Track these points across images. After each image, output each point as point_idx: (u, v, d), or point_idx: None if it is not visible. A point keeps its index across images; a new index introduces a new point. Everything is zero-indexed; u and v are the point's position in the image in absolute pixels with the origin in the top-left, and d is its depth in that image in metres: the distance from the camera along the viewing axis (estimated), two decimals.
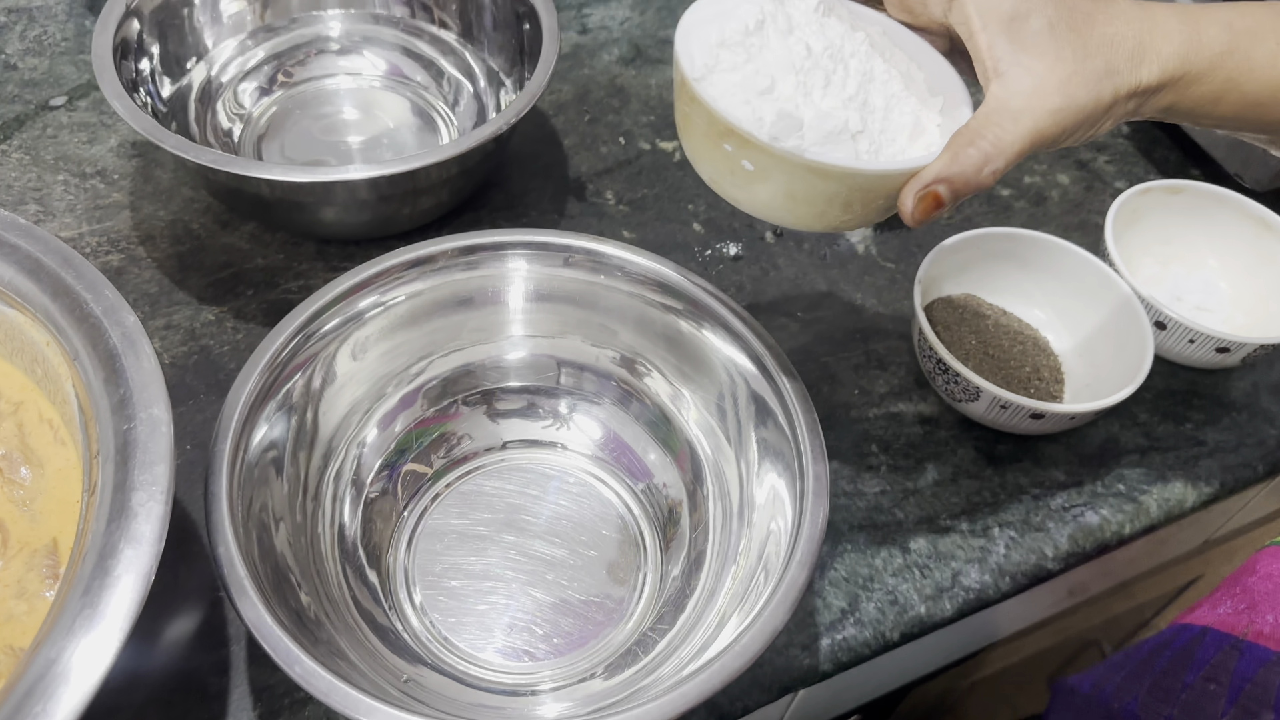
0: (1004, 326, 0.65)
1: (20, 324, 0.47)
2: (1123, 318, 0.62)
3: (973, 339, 0.63)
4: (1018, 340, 0.64)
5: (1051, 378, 0.63)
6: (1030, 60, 0.39)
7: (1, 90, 0.74)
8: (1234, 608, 0.54)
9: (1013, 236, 0.65)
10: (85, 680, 0.35)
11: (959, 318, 0.64)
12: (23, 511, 0.45)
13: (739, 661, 0.41)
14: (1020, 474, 0.61)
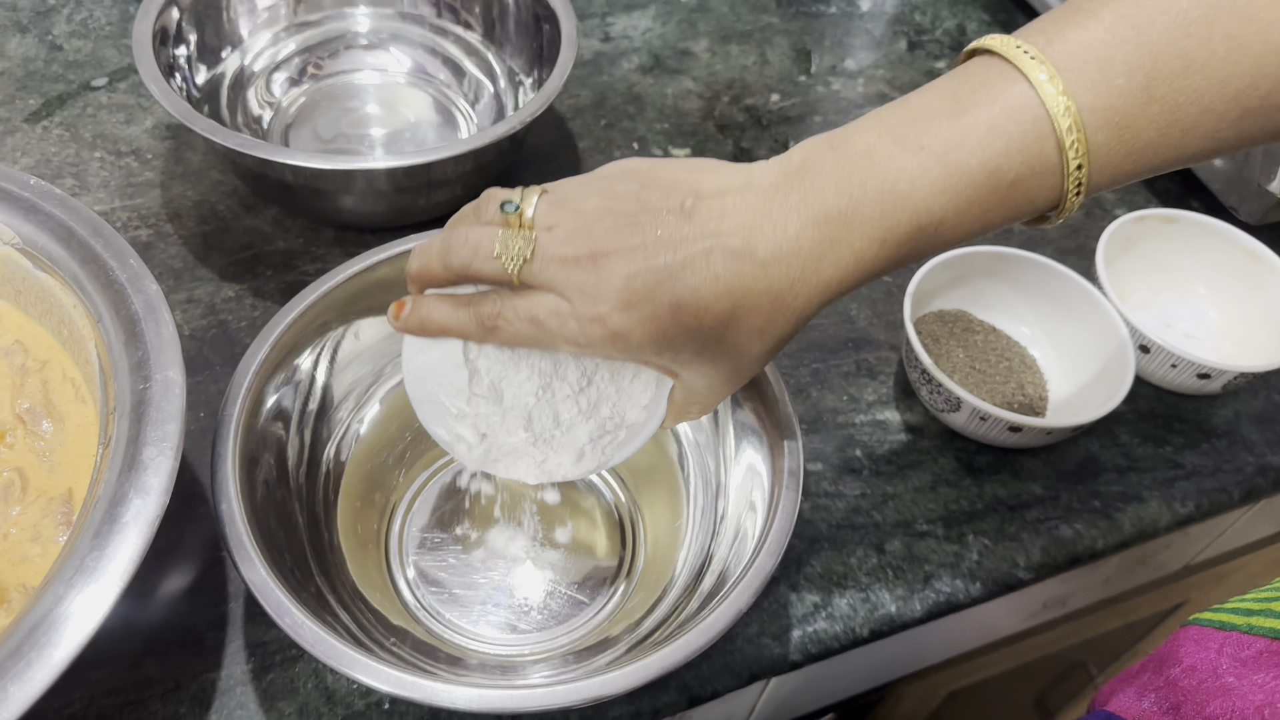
0: (992, 343, 0.67)
1: (50, 287, 0.50)
2: (1108, 341, 0.64)
3: (960, 353, 0.65)
4: (1004, 356, 0.66)
5: (1035, 394, 0.65)
6: (699, 369, 0.42)
7: (47, 69, 0.78)
8: (1159, 706, 0.50)
9: (1006, 256, 0.67)
10: (89, 617, 0.38)
11: (948, 331, 0.66)
12: (42, 462, 0.48)
13: (702, 639, 0.43)
14: (999, 485, 0.63)
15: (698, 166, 0.40)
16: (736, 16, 0.91)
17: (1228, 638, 0.47)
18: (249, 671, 0.51)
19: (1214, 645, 0.47)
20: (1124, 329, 0.63)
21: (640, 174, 0.40)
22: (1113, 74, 0.36)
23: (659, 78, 0.85)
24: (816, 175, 0.38)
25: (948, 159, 0.37)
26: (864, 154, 0.38)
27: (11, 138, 0.73)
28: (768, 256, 0.38)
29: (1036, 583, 0.61)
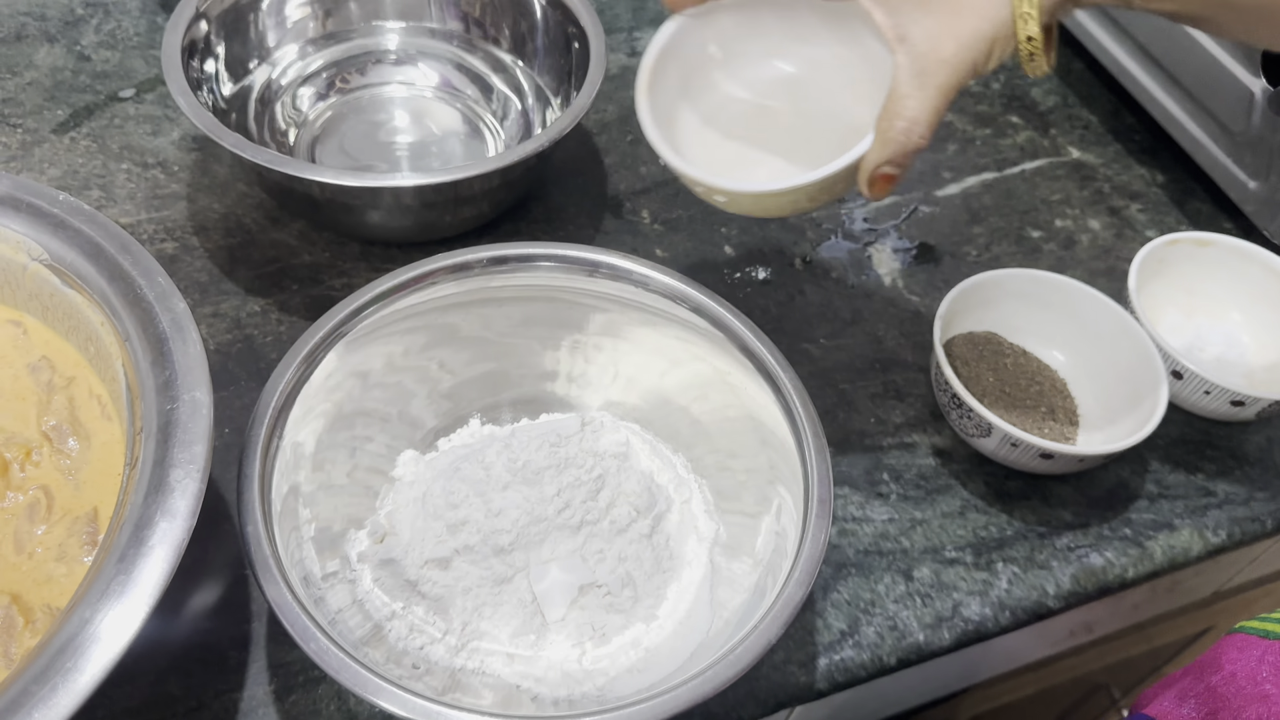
0: (1022, 366, 0.66)
1: (78, 304, 0.50)
2: (1140, 366, 0.63)
3: (990, 376, 0.65)
4: (1035, 380, 0.65)
5: (1066, 420, 0.64)
6: (920, 16, 0.42)
7: (75, 80, 0.78)
8: (1197, 710, 0.51)
9: (1036, 279, 0.66)
10: (114, 642, 0.38)
11: (978, 354, 0.66)
12: (68, 480, 0.48)
13: (730, 671, 0.42)
14: (1028, 511, 0.62)
15: None
16: None
17: (1270, 646, 0.48)
18: (271, 693, 0.51)
19: (1256, 653, 0.48)
20: (1157, 355, 0.62)
21: None
22: None
23: None
24: None
25: None
26: None
27: (39, 148, 0.73)
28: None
29: (1065, 611, 0.60)
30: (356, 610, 0.50)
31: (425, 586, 0.52)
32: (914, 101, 0.43)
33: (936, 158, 0.82)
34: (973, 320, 0.67)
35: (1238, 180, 0.77)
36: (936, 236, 0.77)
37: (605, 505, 0.54)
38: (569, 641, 0.51)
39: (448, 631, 0.51)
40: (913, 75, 0.43)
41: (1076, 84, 0.91)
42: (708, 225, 0.75)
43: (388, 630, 0.50)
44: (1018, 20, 0.42)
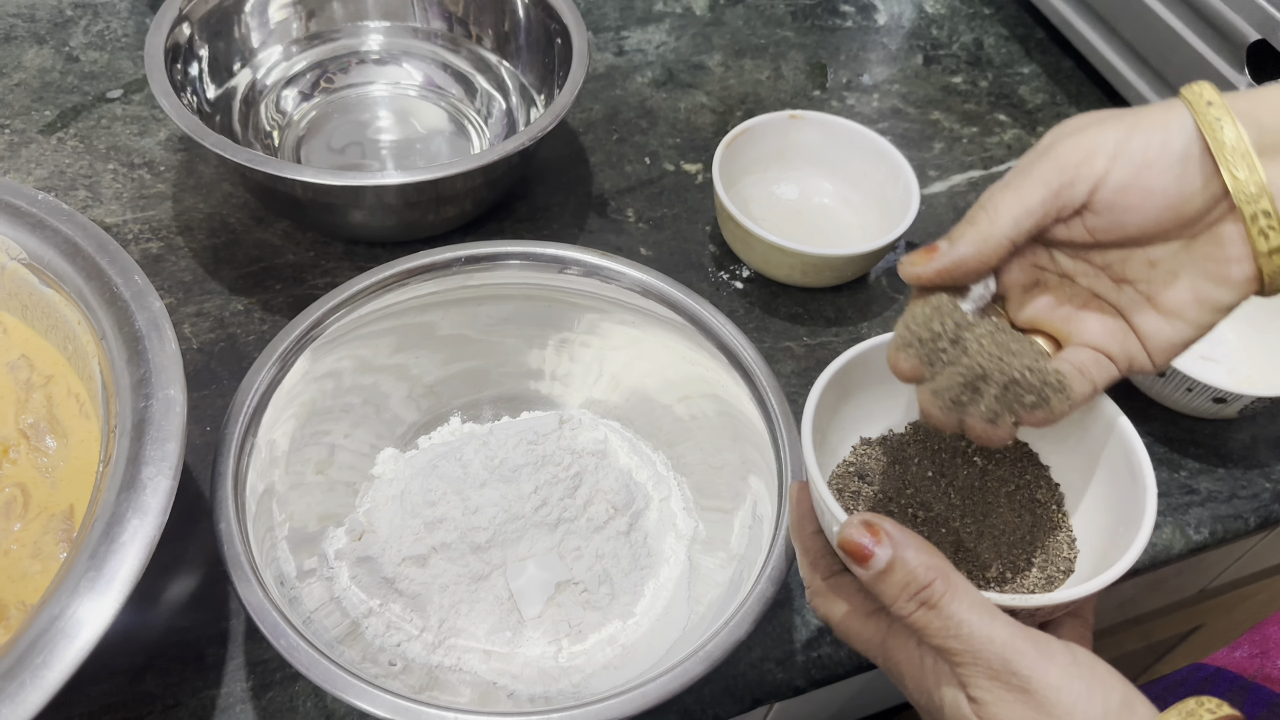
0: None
1: (56, 302, 0.50)
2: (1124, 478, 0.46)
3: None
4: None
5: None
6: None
7: (63, 81, 0.78)
8: (1249, 652, 0.55)
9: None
10: (84, 637, 0.38)
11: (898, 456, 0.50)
12: (45, 478, 0.49)
13: (700, 666, 0.42)
14: None
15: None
16: (751, 30, 0.91)
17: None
18: (249, 690, 0.51)
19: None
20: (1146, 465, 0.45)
21: None
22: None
23: (672, 92, 0.85)
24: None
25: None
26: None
27: (26, 149, 0.73)
28: None
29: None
30: (334, 608, 0.50)
31: (403, 584, 0.52)
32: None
33: (923, 156, 0.82)
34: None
35: None
36: (921, 235, 0.77)
37: (583, 503, 0.54)
38: (546, 638, 0.52)
39: (425, 629, 0.51)
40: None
41: (1065, 82, 0.91)
42: (692, 224, 0.75)
43: (365, 628, 0.51)
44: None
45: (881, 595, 0.38)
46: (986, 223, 0.39)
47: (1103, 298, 0.41)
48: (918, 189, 0.70)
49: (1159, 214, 0.38)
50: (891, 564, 0.37)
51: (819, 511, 0.44)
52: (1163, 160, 0.37)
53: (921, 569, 0.37)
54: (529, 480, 0.54)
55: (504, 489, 0.53)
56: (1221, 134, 0.36)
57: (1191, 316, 0.39)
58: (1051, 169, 0.38)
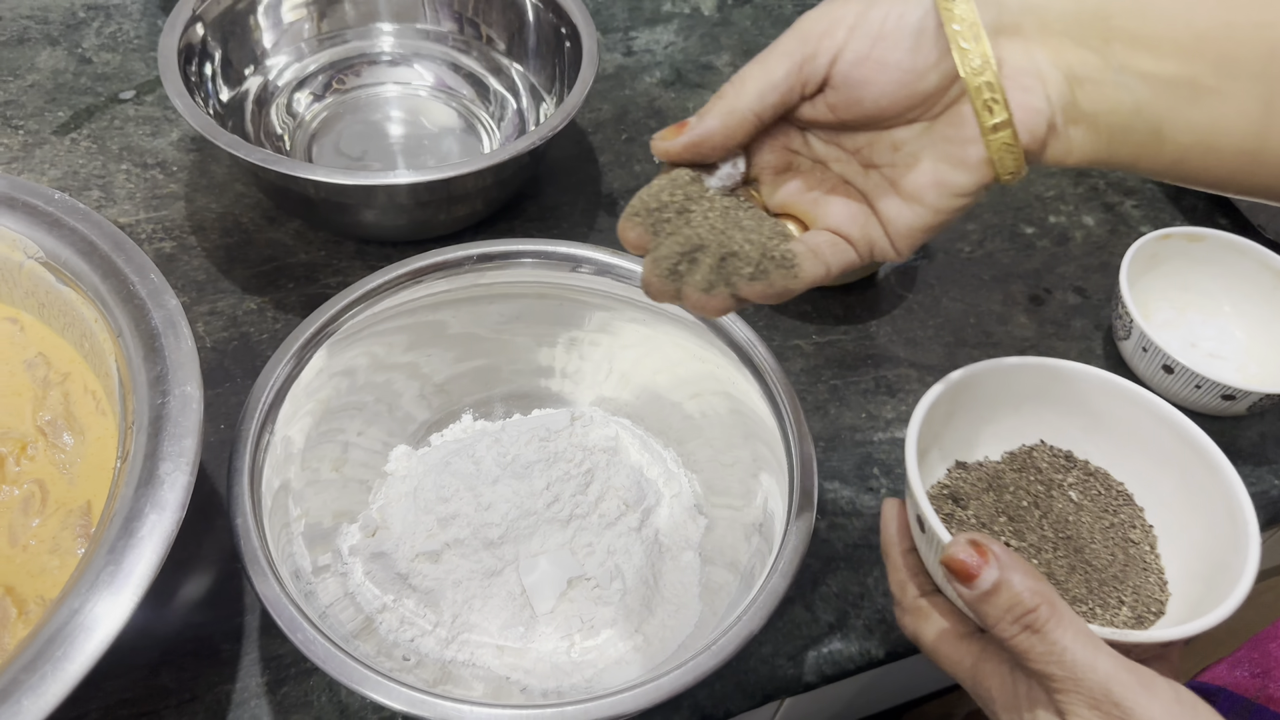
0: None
1: (73, 301, 0.50)
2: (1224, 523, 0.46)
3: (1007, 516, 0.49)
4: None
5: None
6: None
7: (76, 82, 0.79)
8: (1251, 671, 0.54)
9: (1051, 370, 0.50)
10: (103, 632, 0.38)
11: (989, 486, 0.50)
12: (63, 474, 0.49)
13: (712, 661, 0.43)
14: None
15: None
16: (759, 30, 0.91)
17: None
18: (264, 684, 0.51)
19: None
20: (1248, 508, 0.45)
21: None
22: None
23: (680, 92, 0.85)
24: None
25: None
26: None
27: (40, 149, 0.74)
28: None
29: None
30: (348, 603, 0.51)
31: (416, 579, 0.52)
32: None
33: None
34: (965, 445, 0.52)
35: None
36: None
37: (594, 499, 0.54)
38: (558, 634, 0.52)
39: (438, 624, 0.51)
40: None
41: None
42: None
43: (379, 623, 0.51)
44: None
45: (984, 616, 0.38)
46: (733, 96, 0.39)
47: (851, 183, 0.41)
48: None
49: (894, 90, 0.37)
50: (997, 585, 0.37)
51: (916, 530, 0.44)
52: (898, 33, 0.36)
53: (1027, 593, 0.37)
54: (541, 477, 0.54)
55: (516, 485, 0.54)
56: (953, 7, 0.35)
57: (931, 201, 0.39)
58: (794, 41, 0.38)
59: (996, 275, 0.75)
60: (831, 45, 0.37)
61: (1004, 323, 0.72)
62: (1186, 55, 0.34)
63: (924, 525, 0.43)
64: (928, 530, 0.43)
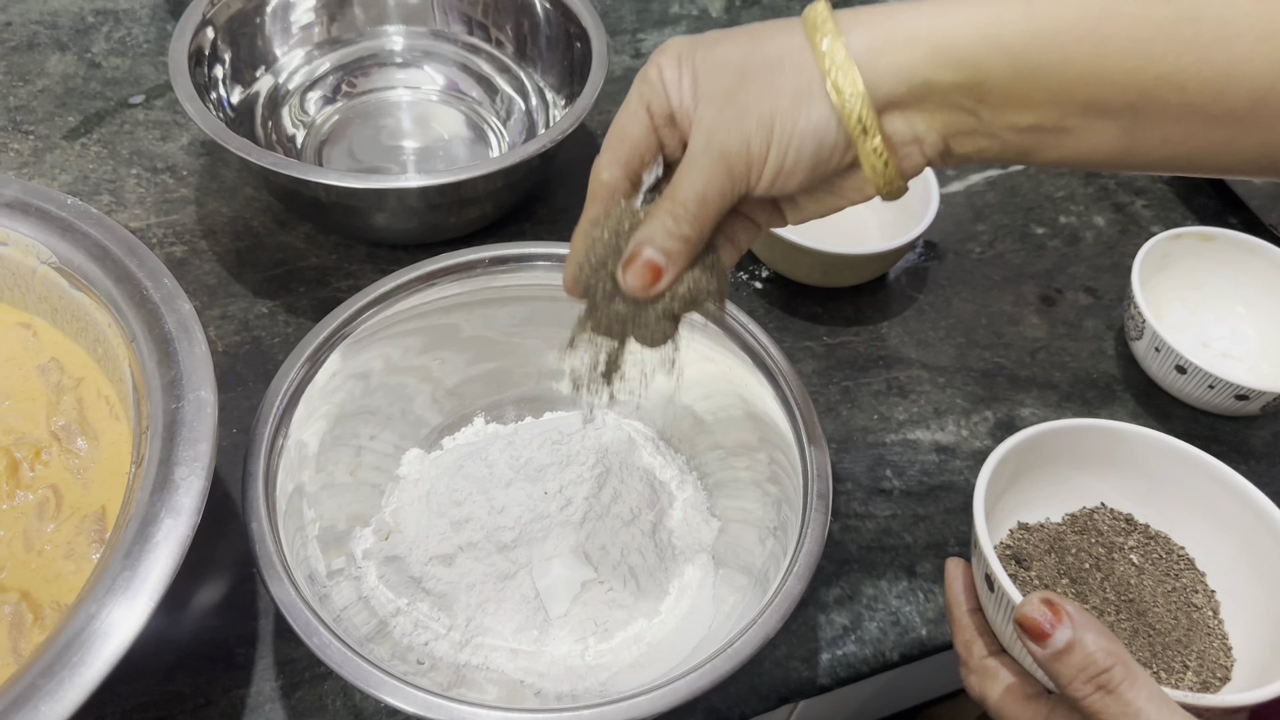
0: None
1: (86, 306, 0.50)
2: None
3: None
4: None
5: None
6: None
7: (85, 87, 0.79)
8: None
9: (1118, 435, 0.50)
10: (120, 637, 0.39)
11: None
12: (76, 479, 0.49)
13: (729, 664, 0.42)
14: None
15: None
16: None
17: None
18: (278, 688, 0.51)
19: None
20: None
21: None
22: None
23: None
24: None
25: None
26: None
27: (51, 154, 0.74)
28: None
29: None
30: (362, 607, 0.51)
31: (429, 583, 0.52)
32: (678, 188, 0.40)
33: None
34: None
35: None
36: (940, 234, 0.77)
37: (607, 502, 0.54)
38: (572, 637, 0.52)
39: (452, 627, 0.51)
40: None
41: None
42: None
43: (393, 627, 0.51)
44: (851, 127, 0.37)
45: (1056, 676, 0.38)
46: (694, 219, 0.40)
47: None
48: (937, 188, 0.70)
49: (811, 175, 0.39)
50: (1071, 645, 0.37)
51: (983, 589, 0.45)
52: (804, 144, 0.38)
53: (1101, 653, 0.37)
54: (554, 480, 0.54)
55: (529, 488, 0.54)
56: (843, 89, 0.37)
57: (813, 214, 0.43)
58: (721, 169, 0.39)
59: (1007, 276, 0.75)
60: (756, 165, 0.39)
61: (1015, 323, 0.72)
62: (1057, 105, 0.36)
63: (993, 585, 0.43)
64: (997, 590, 0.43)
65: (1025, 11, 0.34)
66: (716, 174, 0.39)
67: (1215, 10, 0.32)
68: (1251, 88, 0.33)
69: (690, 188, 0.39)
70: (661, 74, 0.40)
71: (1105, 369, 0.70)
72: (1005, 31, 0.35)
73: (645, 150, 0.41)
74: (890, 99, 0.37)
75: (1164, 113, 0.34)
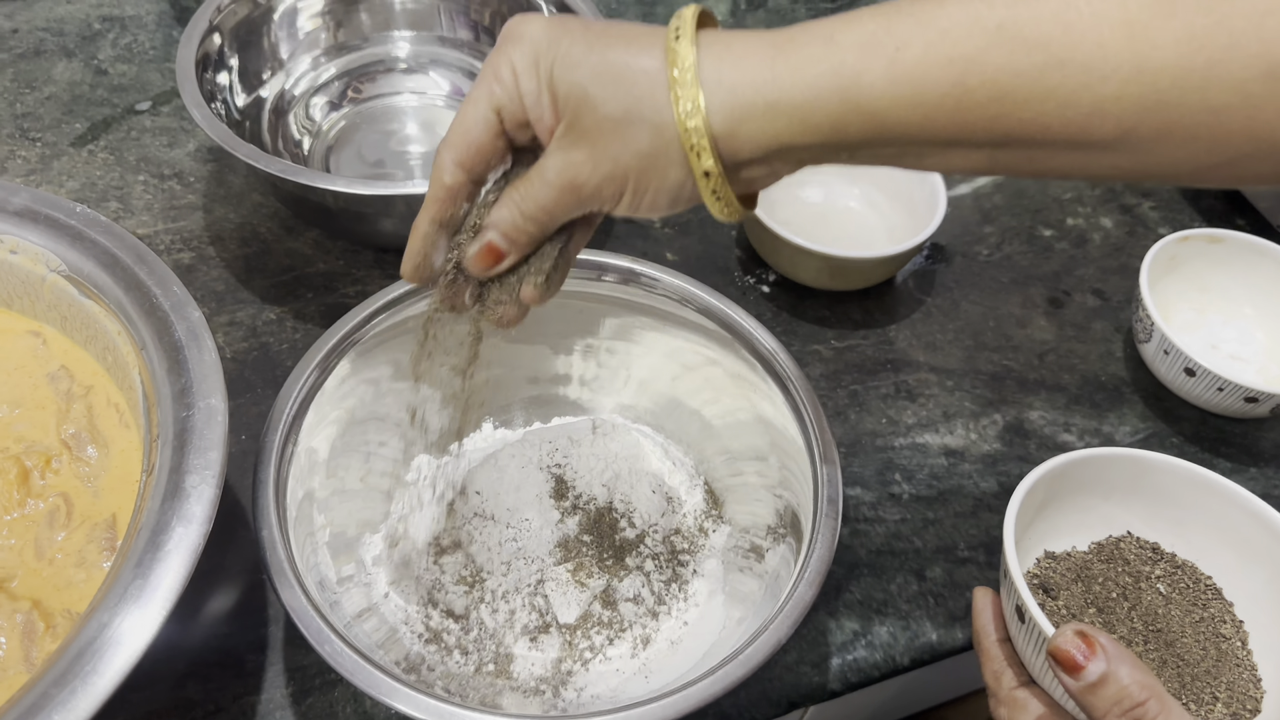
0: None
1: (95, 314, 0.50)
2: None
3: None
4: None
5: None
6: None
7: (92, 94, 0.79)
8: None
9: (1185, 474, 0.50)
10: (132, 645, 0.39)
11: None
12: (87, 487, 0.49)
13: (740, 670, 0.42)
14: None
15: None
16: None
17: None
18: (288, 695, 0.51)
19: None
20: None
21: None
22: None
23: None
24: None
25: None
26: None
27: (58, 161, 0.74)
28: None
29: None
30: (372, 614, 0.51)
31: (439, 589, 0.52)
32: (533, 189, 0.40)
33: None
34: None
35: None
36: (947, 236, 0.77)
37: (616, 507, 0.54)
38: (583, 643, 0.52)
39: (462, 634, 0.51)
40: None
41: None
42: (718, 229, 0.75)
43: (402, 634, 0.51)
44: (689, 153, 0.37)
45: (1090, 708, 0.38)
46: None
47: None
48: (944, 191, 0.70)
49: (669, 210, 0.40)
50: (1105, 677, 0.37)
51: (1013, 620, 0.44)
52: (663, 190, 0.39)
53: (1136, 686, 0.37)
54: (563, 485, 0.54)
55: (538, 493, 0.54)
56: (704, 164, 0.37)
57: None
58: (572, 199, 0.39)
59: (1015, 278, 0.75)
60: (605, 206, 0.40)
61: (1023, 326, 0.72)
62: (917, 145, 0.36)
63: (1024, 616, 0.43)
64: (1028, 621, 0.43)
65: (886, 72, 0.34)
66: (565, 200, 0.39)
67: (1083, 54, 0.32)
68: (1118, 122, 0.33)
69: (537, 201, 0.40)
70: (517, 81, 0.38)
71: (1114, 371, 0.70)
72: (864, 95, 0.34)
73: (492, 155, 0.40)
74: (751, 159, 0.37)
75: (1029, 144, 0.34)
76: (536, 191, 0.39)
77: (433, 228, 0.42)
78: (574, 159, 0.38)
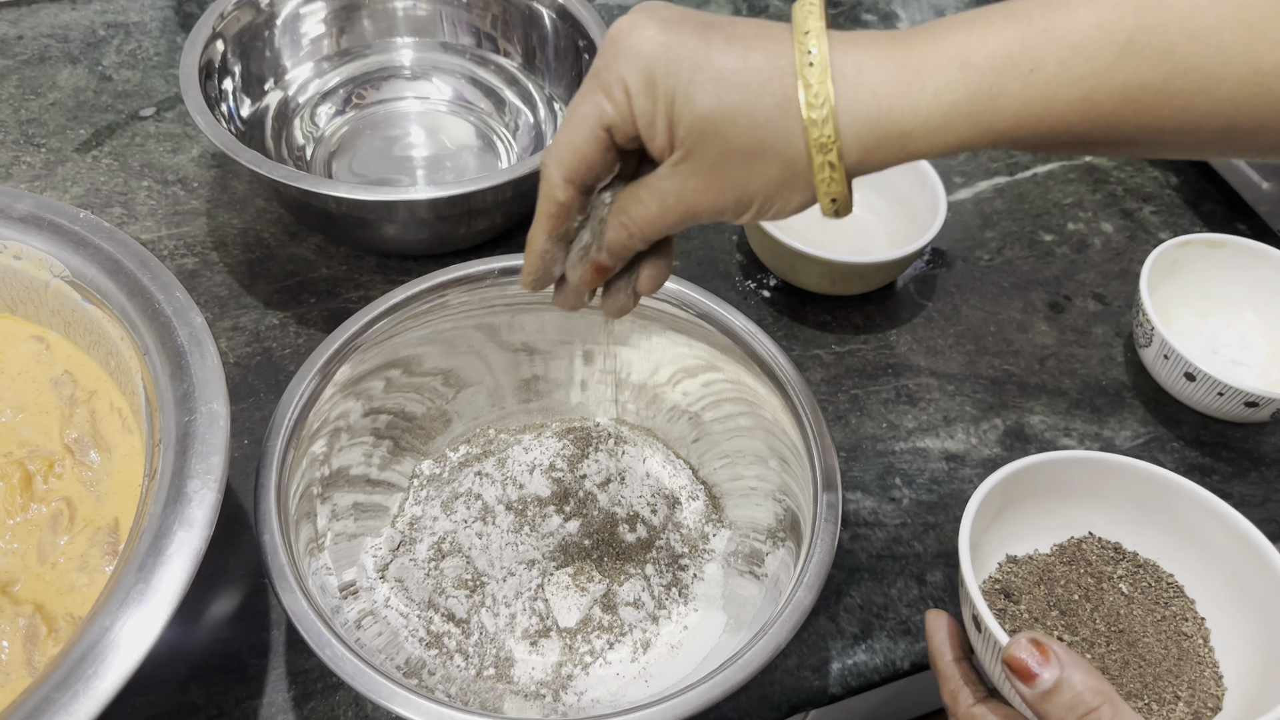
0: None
1: (99, 319, 0.51)
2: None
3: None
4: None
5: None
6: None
7: (96, 100, 0.80)
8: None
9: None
10: (134, 649, 0.39)
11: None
12: (90, 491, 0.49)
13: (740, 675, 0.43)
14: None
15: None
16: None
17: None
18: (290, 699, 0.51)
19: None
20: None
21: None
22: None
23: None
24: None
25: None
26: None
27: (62, 167, 0.74)
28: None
29: None
30: (373, 618, 0.51)
31: (441, 594, 0.52)
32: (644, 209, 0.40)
33: (948, 163, 0.83)
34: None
35: (1251, 181, 0.77)
36: (948, 241, 0.77)
37: (617, 512, 0.54)
38: (583, 647, 0.52)
39: (463, 639, 0.51)
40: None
41: None
42: (719, 234, 0.75)
43: (404, 638, 0.51)
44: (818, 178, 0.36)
45: (1045, 715, 0.38)
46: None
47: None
48: (944, 196, 0.70)
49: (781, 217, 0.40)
50: (1058, 684, 0.38)
51: (971, 630, 0.45)
52: (787, 210, 0.39)
53: (1089, 691, 0.37)
54: (564, 489, 0.54)
55: (540, 498, 0.54)
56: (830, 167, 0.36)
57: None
58: (685, 220, 0.39)
59: (1016, 283, 0.75)
60: (716, 220, 0.40)
61: (1024, 330, 0.72)
62: (1027, 146, 0.36)
63: (980, 626, 0.44)
64: (984, 631, 0.43)
65: (1020, 94, 0.34)
66: (679, 222, 0.39)
67: (1205, 60, 0.32)
68: (1227, 120, 0.33)
69: (650, 224, 0.39)
70: (631, 101, 0.37)
71: (1114, 376, 0.70)
72: (998, 117, 0.34)
73: (602, 170, 0.39)
74: (871, 171, 0.37)
75: (1135, 143, 0.35)
76: (651, 215, 0.39)
77: (550, 243, 0.42)
78: (693, 186, 0.38)
